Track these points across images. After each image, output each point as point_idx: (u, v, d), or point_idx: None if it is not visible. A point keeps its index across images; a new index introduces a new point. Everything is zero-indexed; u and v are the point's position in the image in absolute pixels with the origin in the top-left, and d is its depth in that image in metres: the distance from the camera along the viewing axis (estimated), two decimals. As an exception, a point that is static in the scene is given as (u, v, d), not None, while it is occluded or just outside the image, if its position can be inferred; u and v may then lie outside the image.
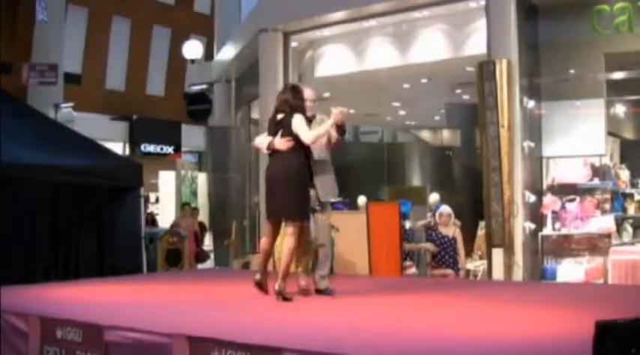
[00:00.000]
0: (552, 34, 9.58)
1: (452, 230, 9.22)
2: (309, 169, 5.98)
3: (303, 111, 6.01)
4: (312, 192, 6.01)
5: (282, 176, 5.86)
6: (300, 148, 5.89)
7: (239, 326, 4.76)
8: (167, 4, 22.39)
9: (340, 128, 6.10)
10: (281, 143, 5.87)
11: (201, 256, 13.23)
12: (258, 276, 6.09)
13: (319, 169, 6.11)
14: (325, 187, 6.14)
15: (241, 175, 14.44)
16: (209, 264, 14.07)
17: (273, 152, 5.99)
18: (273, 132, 6.02)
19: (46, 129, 9.83)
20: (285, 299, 5.71)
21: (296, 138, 5.85)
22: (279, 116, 6.02)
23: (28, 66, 16.06)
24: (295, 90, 6.14)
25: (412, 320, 4.95)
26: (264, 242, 6.33)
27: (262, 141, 6.16)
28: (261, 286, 6.05)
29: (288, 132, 5.88)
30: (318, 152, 6.12)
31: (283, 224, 5.99)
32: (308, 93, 6.21)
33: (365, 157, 15.95)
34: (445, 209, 9.40)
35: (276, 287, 5.75)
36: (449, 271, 9.00)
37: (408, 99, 14.34)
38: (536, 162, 9.56)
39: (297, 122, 5.89)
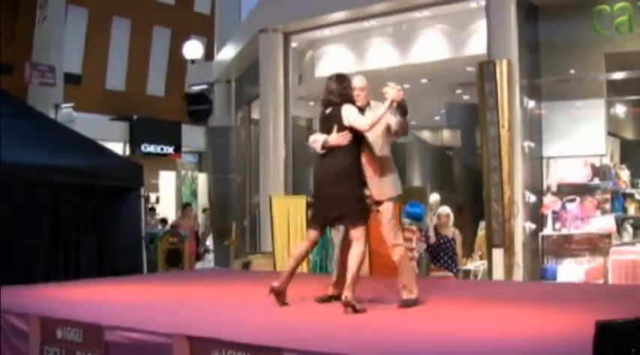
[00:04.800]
0: (552, 34, 9.58)
1: (451, 231, 9.21)
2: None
3: (352, 100, 5.45)
4: (366, 192, 5.44)
5: (336, 176, 5.32)
6: (354, 143, 5.34)
7: (239, 326, 4.76)
8: (167, 4, 22.39)
9: (402, 107, 5.42)
10: (337, 139, 5.30)
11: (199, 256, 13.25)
12: (277, 284, 5.46)
13: (380, 167, 5.46)
14: (384, 187, 5.48)
15: (241, 175, 14.43)
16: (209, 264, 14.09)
17: (327, 150, 5.37)
18: (324, 129, 5.46)
19: (46, 129, 9.82)
20: (355, 310, 5.07)
21: (351, 132, 5.31)
22: (328, 110, 5.49)
23: (30, 65, 16.08)
24: (341, 79, 5.56)
25: (412, 320, 4.95)
26: (302, 247, 5.74)
27: (316, 139, 5.48)
28: (280, 295, 5.45)
29: (342, 125, 5.34)
30: (380, 147, 5.46)
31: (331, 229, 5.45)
32: (357, 80, 5.60)
33: (365, 157, 15.91)
34: (444, 210, 9.39)
35: (345, 297, 5.10)
36: (449, 274, 8.97)
37: (408, 99, 14.30)
38: (536, 163, 9.57)
39: (348, 111, 5.35)
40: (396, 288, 5.49)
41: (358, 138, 5.38)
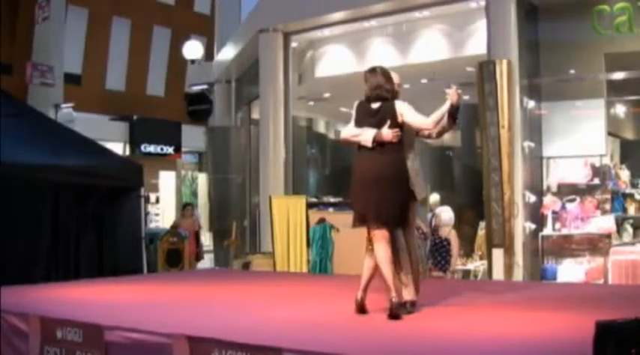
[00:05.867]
0: (552, 34, 9.59)
1: (446, 231, 9.20)
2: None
3: (398, 96, 5.31)
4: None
5: (387, 174, 5.07)
6: (401, 141, 5.16)
7: (239, 326, 4.76)
8: (167, 4, 22.39)
9: (456, 110, 5.33)
10: (389, 134, 5.05)
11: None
12: (360, 294, 5.14)
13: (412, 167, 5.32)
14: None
15: (241, 175, 14.44)
16: (208, 263, 14.09)
17: (377, 145, 5.09)
18: (371, 123, 5.15)
19: (46, 129, 9.83)
20: (403, 309, 4.97)
21: (401, 129, 5.13)
22: (375, 105, 5.21)
23: (31, 65, 16.08)
24: (387, 74, 5.32)
25: (412, 320, 4.94)
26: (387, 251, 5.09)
27: (359, 132, 5.16)
28: (363, 307, 5.13)
29: (394, 122, 5.12)
30: (412, 147, 5.39)
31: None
32: (396, 76, 5.45)
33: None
34: (442, 210, 9.40)
35: (391, 300, 4.90)
36: (441, 274, 8.97)
37: (408, 99, 14.32)
38: (536, 163, 9.57)
39: (405, 109, 5.16)
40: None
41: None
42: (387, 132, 5.08)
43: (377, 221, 5.06)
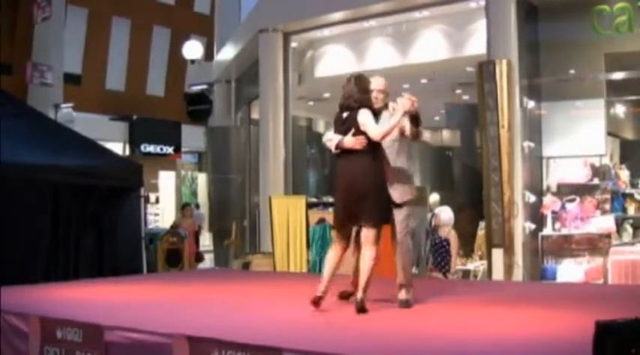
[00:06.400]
0: (552, 35, 9.58)
1: (445, 231, 9.20)
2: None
3: (369, 104, 5.39)
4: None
5: (352, 178, 5.28)
6: (375, 147, 5.30)
7: (239, 326, 4.76)
8: (167, 4, 22.40)
9: (416, 118, 5.40)
10: (351, 142, 5.24)
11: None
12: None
13: (393, 172, 5.47)
14: (395, 192, 5.47)
15: (241, 175, 14.43)
16: (208, 263, 14.08)
17: (342, 152, 5.34)
18: (340, 131, 5.37)
19: (46, 129, 9.82)
20: (364, 311, 5.14)
21: (367, 136, 5.26)
22: (345, 114, 5.40)
23: (31, 65, 16.08)
24: (360, 81, 5.45)
25: (412, 320, 4.95)
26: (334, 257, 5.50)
27: (330, 138, 5.44)
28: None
29: (358, 130, 5.27)
30: (397, 150, 5.51)
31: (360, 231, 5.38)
32: (376, 82, 5.53)
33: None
34: (441, 210, 9.40)
35: (357, 298, 5.17)
36: (439, 275, 8.96)
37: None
38: (536, 163, 9.56)
39: (364, 118, 5.27)
40: (395, 288, 5.49)
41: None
42: (349, 140, 5.26)
43: (352, 224, 5.38)
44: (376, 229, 5.28)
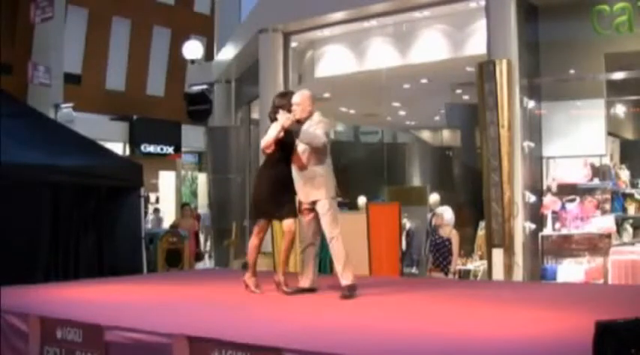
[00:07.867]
0: (552, 34, 9.58)
1: (447, 231, 9.20)
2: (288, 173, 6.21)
3: (275, 117, 6.19)
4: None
5: (262, 180, 6.37)
6: (281, 153, 6.18)
7: (239, 326, 4.76)
8: (167, 4, 22.41)
9: (291, 132, 6.11)
10: (262, 149, 6.32)
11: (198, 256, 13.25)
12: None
13: (307, 174, 6.15)
14: (310, 192, 6.18)
15: (241, 175, 14.42)
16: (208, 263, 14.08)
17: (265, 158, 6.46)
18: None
19: (46, 129, 9.83)
20: (285, 292, 6.30)
21: (278, 144, 6.14)
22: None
23: (32, 65, 16.08)
24: (281, 96, 6.47)
25: (412, 320, 4.95)
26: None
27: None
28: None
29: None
30: (307, 157, 6.10)
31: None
32: (294, 96, 6.26)
33: (365, 157, 15.95)
34: (441, 209, 9.39)
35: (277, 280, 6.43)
36: (441, 274, 8.96)
37: (408, 99, 14.35)
38: (536, 163, 9.56)
39: (269, 129, 6.21)
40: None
41: (288, 149, 6.16)
42: (261, 147, 6.29)
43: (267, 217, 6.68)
44: (289, 221, 6.43)
